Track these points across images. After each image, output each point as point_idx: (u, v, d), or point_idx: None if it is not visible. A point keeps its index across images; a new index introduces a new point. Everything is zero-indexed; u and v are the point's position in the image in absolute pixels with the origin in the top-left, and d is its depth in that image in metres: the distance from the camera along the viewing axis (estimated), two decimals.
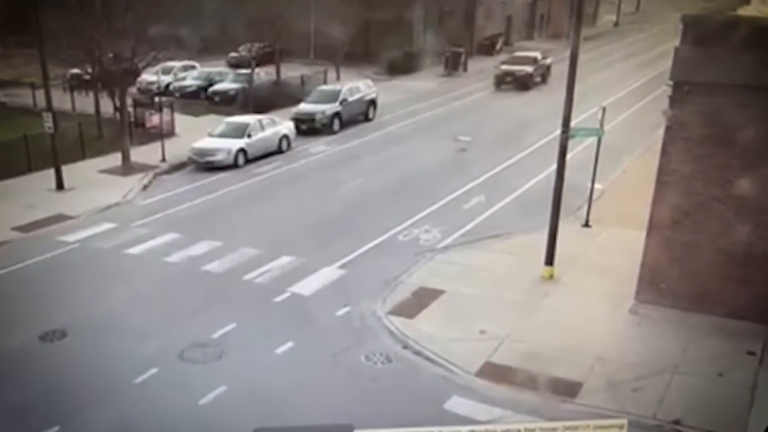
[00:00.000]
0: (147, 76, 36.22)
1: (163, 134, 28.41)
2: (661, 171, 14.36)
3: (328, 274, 17.53)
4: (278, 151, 28.68)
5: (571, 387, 12.70)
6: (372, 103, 34.11)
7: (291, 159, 28.21)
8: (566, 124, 16.03)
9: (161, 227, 20.85)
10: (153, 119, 30.15)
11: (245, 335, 14.75)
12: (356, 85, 33.84)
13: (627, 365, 13.30)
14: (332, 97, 32.37)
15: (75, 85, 35.94)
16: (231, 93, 36.93)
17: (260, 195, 24.14)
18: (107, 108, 29.85)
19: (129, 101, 29.37)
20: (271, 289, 16.74)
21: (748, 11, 20.13)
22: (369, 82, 35.20)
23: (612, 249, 18.29)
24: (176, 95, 37.23)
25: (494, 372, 13.25)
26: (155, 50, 27.84)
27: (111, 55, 26.93)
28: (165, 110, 30.00)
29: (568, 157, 16.58)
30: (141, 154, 27.56)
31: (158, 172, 26.44)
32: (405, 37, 46.90)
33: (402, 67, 45.23)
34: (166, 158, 27.26)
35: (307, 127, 31.10)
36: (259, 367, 13.68)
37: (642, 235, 14.99)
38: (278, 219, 21.65)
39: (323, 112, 31.47)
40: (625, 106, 32.41)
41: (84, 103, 33.64)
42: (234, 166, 26.74)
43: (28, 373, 13.56)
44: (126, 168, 26.47)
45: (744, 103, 13.08)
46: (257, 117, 29.33)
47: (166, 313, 15.67)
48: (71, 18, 26.37)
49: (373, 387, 13.03)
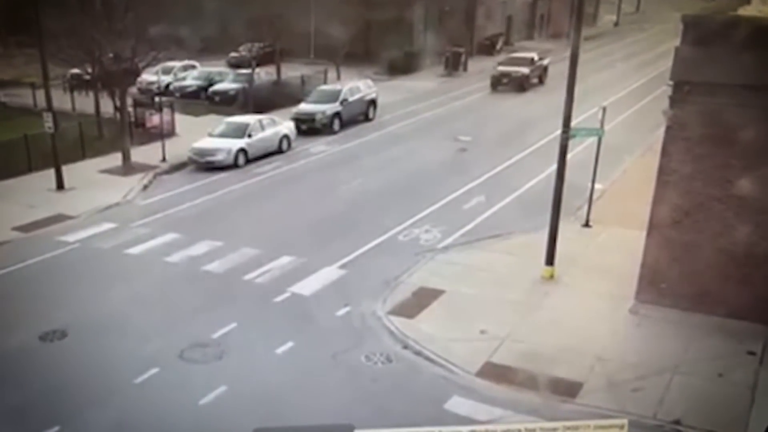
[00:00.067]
0: (147, 76, 36.19)
1: (164, 134, 28.42)
2: (662, 171, 14.36)
3: (329, 274, 17.53)
4: (278, 151, 28.68)
5: (572, 387, 12.70)
6: (372, 103, 34.11)
7: (291, 159, 28.21)
8: (566, 124, 16.02)
9: (161, 227, 20.86)
10: (153, 119, 30.16)
11: (245, 335, 14.75)
12: (356, 85, 33.84)
13: (627, 365, 13.30)
14: (332, 97, 32.37)
15: (75, 85, 35.93)
16: (231, 93, 36.91)
17: (260, 195, 24.13)
18: (107, 108, 29.85)
19: (129, 101, 29.35)
20: (272, 289, 16.74)
21: (749, 11, 20.09)
22: (369, 82, 35.20)
23: (612, 249, 18.29)
24: (176, 95, 37.23)
25: (494, 372, 13.25)
26: (155, 50, 27.81)
27: (111, 55, 26.92)
28: (165, 110, 29.98)
29: (569, 157, 16.57)
30: (141, 154, 27.56)
31: (158, 172, 26.45)
32: (405, 37, 46.90)
33: (402, 67, 45.25)
34: (167, 158, 27.27)
35: (308, 127, 31.10)
36: (260, 367, 13.68)
37: (642, 235, 14.99)
38: (278, 219, 21.64)
39: (323, 112, 31.47)
40: (626, 106, 32.39)
41: (84, 103, 33.63)
42: (234, 166, 26.74)
43: (28, 373, 13.55)
44: (126, 168, 26.47)
45: (744, 103, 13.08)
46: (257, 117, 29.32)
47: (167, 313, 15.67)
48: (71, 18, 26.36)
49: (374, 387, 13.03)
